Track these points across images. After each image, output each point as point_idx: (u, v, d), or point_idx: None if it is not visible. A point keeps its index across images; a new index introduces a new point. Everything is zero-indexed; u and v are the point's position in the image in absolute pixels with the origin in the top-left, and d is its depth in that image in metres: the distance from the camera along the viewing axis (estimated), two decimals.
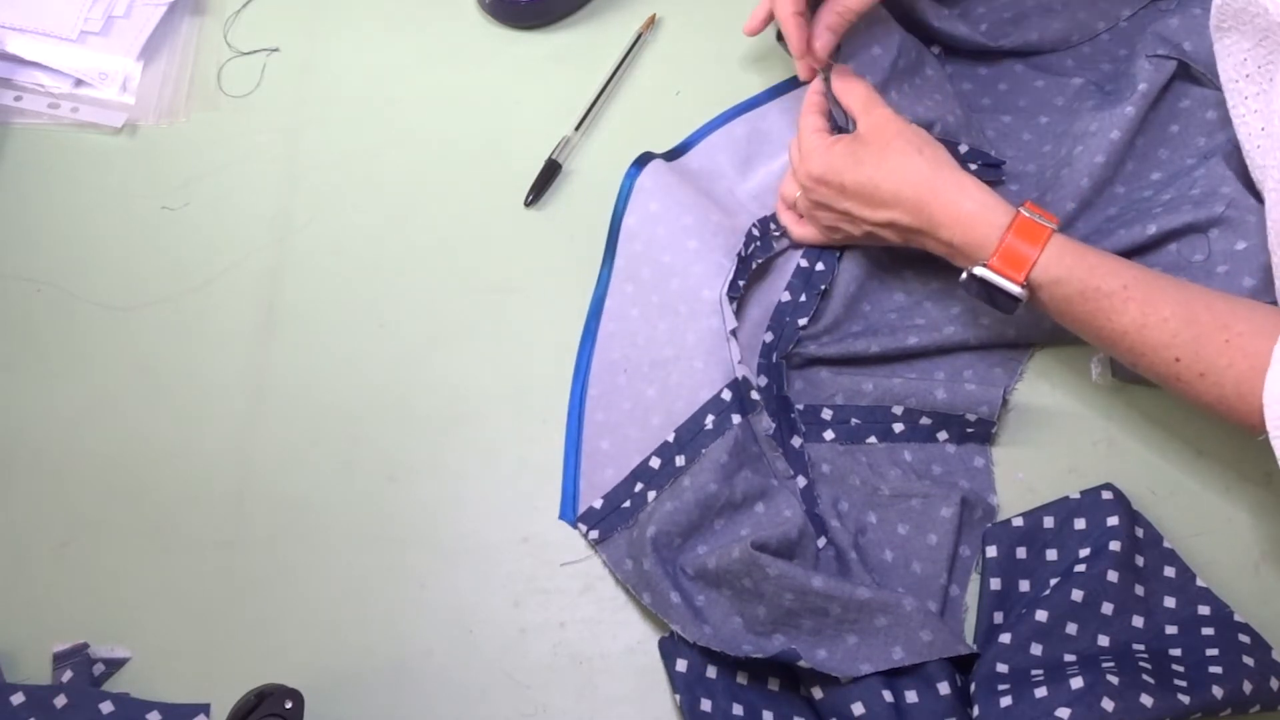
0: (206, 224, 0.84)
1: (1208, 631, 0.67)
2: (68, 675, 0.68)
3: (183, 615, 0.72)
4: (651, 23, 0.91)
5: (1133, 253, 0.76)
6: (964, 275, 0.71)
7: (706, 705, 0.67)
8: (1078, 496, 0.72)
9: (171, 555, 0.73)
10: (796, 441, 0.75)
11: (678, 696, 0.68)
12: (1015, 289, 0.69)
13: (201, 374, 0.79)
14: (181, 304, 0.81)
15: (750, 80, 0.89)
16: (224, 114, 0.88)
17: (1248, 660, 0.65)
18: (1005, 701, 0.65)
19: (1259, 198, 0.74)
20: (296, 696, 0.64)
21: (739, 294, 0.77)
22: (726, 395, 0.74)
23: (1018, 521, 0.72)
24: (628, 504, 0.73)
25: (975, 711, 0.65)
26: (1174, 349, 0.66)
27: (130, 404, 0.78)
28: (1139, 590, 0.69)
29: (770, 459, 0.74)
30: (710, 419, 0.73)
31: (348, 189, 0.85)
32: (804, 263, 0.80)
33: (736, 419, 0.73)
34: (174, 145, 0.87)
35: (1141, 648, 0.67)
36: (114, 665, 0.70)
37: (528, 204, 0.84)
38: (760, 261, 0.79)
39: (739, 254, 0.78)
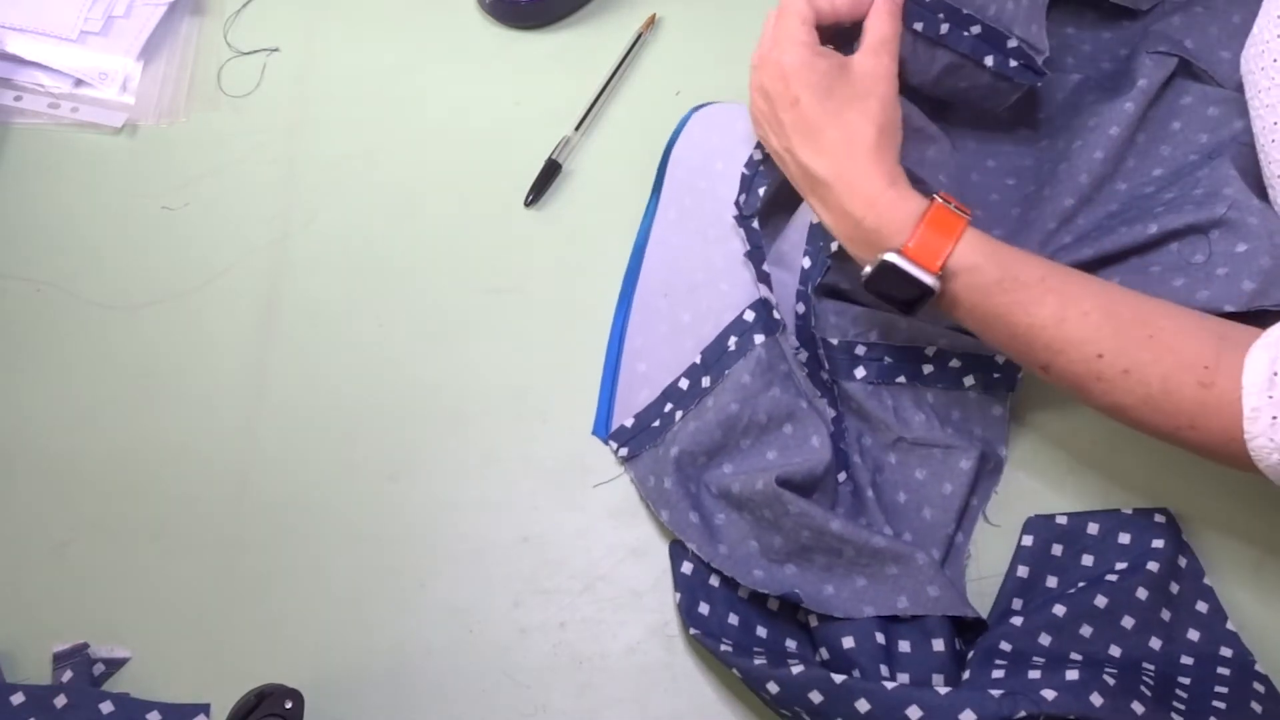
0: (206, 224, 0.84)
1: (1223, 672, 0.67)
2: (68, 675, 0.68)
3: (183, 615, 0.72)
4: (651, 23, 0.91)
5: (1133, 252, 0.76)
6: (867, 268, 0.67)
7: (704, 609, 0.69)
8: (1129, 512, 0.72)
9: (171, 555, 0.73)
10: (824, 376, 0.76)
11: (678, 595, 0.69)
12: (928, 279, 0.65)
13: (201, 374, 0.79)
14: (181, 304, 0.81)
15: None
16: (224, 114, 0.88)
17: (1256, 707, 0.65)
18: (997, 674, 0.65)
19: (1263, 198, 0.74)
20: (296, 696, 0.64)
21: (753, 210, 0.77)
22: (749, 316, 0.75)
23: (1061, 519, 0.72)
24: (657, 423, 0.75)
25: (966, 675, 0.66)
26: (1096, 344, 0.63)
27: (130, 404, 0.78)
28: (1165, 615, 0.68)
29: (799, 378, 0.75)
30: (733, 340, 0.75)
31: (348, 189, 0.85)
32: None
33: (760, 339, 0.74)
34: (174, 145, 0.87)
35: (1151, 668, 0.67)
36: (114, 665, 0.70)
37: (528, 204, 0.84)
38: (768, 187, 0.78)
39: (743, 173, 0.78)
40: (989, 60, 0.76)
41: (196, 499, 0.75)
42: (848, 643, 0.67)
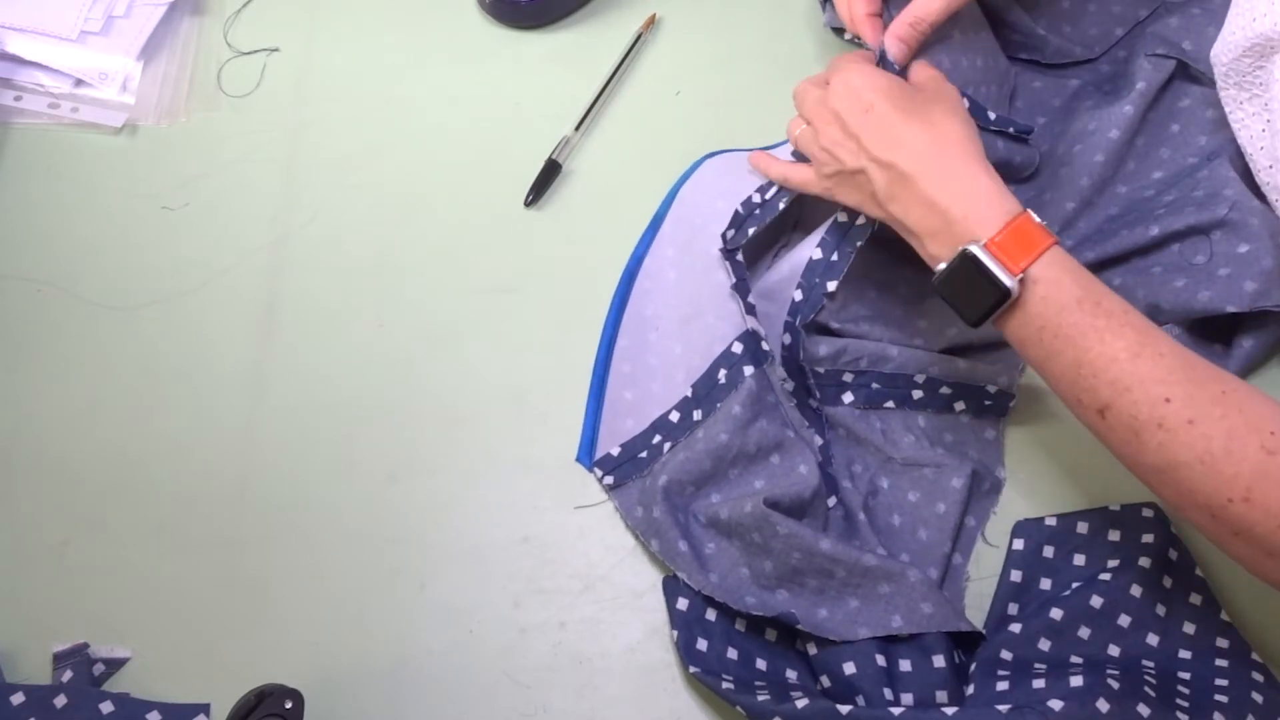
0: (206, 224, 0.84)
1: (1221, 663, 0.67)
2: (68, 675, 0.68)
3: (183, 615, 0.72)
4: (651, 23, 0.91)
5: (1135, 253, 0.76)
6: (941, 265, 0.64)
7: (702, 645, 0.68)
8: (1117, 509, 0.72)
9: (171, 555, 0.73)
10: (813, 404, 0.76)
11: (675, 633, 0.69)
12: (1008, 280, 0.61)
13: (201, 374, 0.79)
14: (181, 304, 0.81)
15: (750, 80, 0.89)
16: (224, 114, 0.88)
17: (1256, 697, 0.65)
18: (1002, 686, 0.65)
19: (1263, 200, 0.74)
20: (296, 696, 0.64)
21: (737, 245, 0.77)
22: (737, 348, 0.75)
23: (1050, 521, 0.72)
24: (644, 454, 0.75)
25: (970, 690, 0.66)
26: (1167, 386, 0.58)
27: (130, 404, 0.78)
28: (1160, 610, 0.68)
29: (786, 409, 0.75)
30: (723, 373, 0.75)
31: (348, 189, 0.85)
32: (842, 217, 0.75)
33: (749, 370, 0.74)
34: (174, 145, 0.87)
35: (1151, 665, 0.67)
36: (114, 665, 0.70)
37: (528, 204, 0.84)
38: (759, 227, 0.78)
39: (737, 210, 0.78)
40: (991, 128, 0.78)
41: (196, 499, 0.75)
42: (849, 668, 0.67)
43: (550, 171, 0.85)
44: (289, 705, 0.63)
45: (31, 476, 0.75)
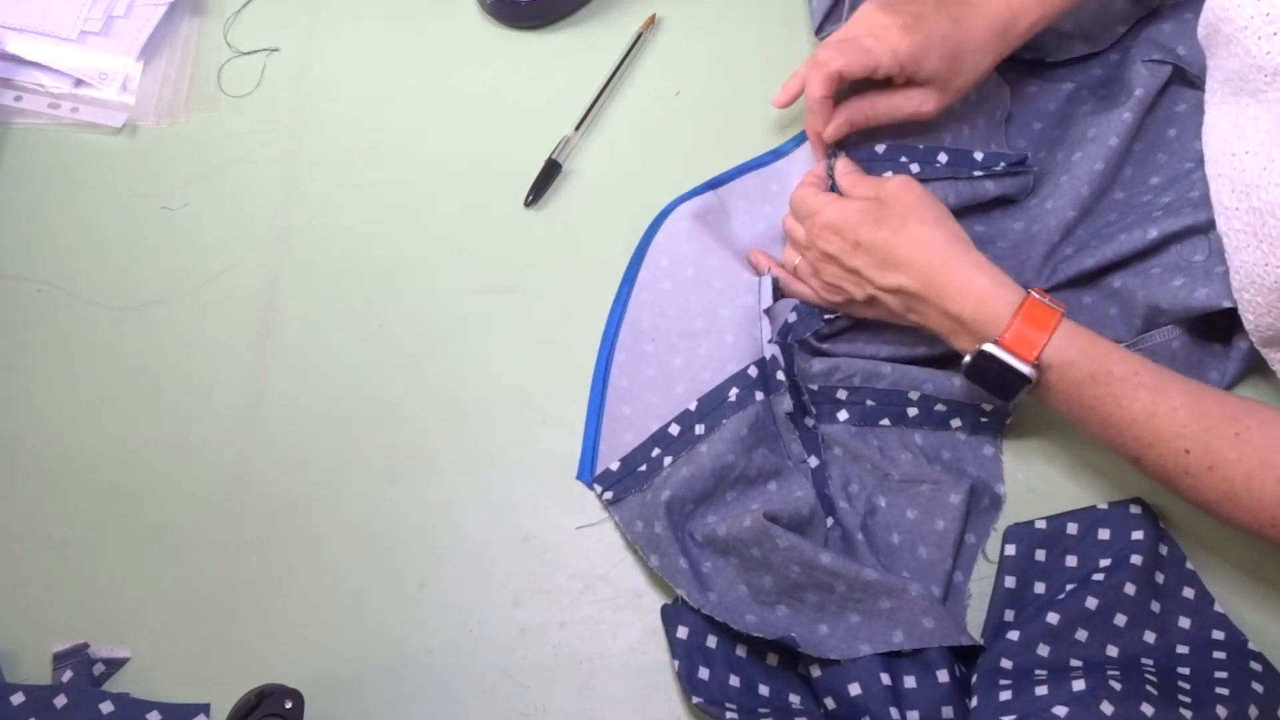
0: (206, 224, 0.84)
1: (1219, 655, 0.67)
2: (68, 675, 0.68)
3: (183, 615, 0.72)
4: (651, 23, 0.91)
5: (1134, 257, 0.76)
6: (967, 358, 0.69)
7: (704, 673, 0.68)
8: (1105, 507, 0.72)
9: (171, 555, 0.73)
10: (809, 422, 0.76)
11: (676, 663, 0.68)
12: (1025, 368, 0.67)
13: (201, 374, 0.79)
14: (181, 304, 0.81)
15: (750, 80, 0.89)
16: (224, 114, 0.88)
17: (1257, 687, 0.65)
18: (1005, 696, 0.65)
19: None
20: (296, 696, 0.64)
21: (800, 337, 0.78)
22: (753, 372, 0.75)
23: (1040, 524, 0.72)
24: (644, 468, 0.74)
25: (973, 702, 0.66)
26: (1184, 440, 0.64)
27: (130, 404, 0.78)
28: (1155, 607, 0.69)
29: (786, 440, 0.75)
30: (734, 392, 0.74)
31: (348, 189, 0.85)
32: None
33: (760, 396, 0.74)
34: (174, 145, 0.87)
35: (1150, 663, 0.67)
36: (114, 665, 0.70)
37: (528, 204, 0.84)
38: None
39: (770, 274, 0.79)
40: (976, 173, 0.78)
41: (196, 499, 0.75)
42: (854, 689, 0.66)
43: (550, 171, 0.85)
44: (289, 705, 0.63)
45: (32, 476, 0.75)
